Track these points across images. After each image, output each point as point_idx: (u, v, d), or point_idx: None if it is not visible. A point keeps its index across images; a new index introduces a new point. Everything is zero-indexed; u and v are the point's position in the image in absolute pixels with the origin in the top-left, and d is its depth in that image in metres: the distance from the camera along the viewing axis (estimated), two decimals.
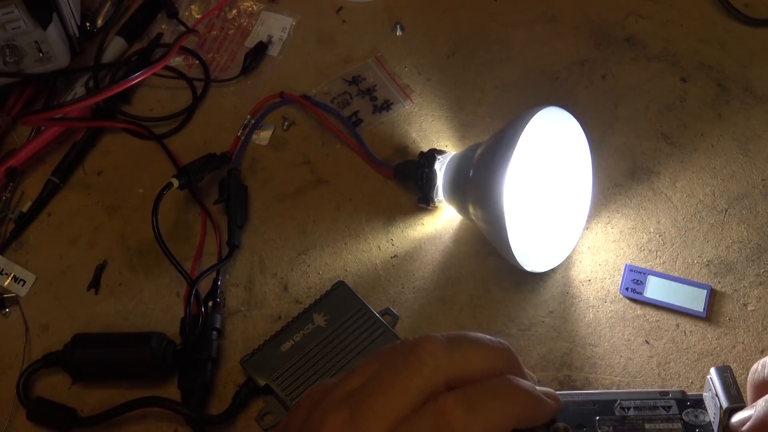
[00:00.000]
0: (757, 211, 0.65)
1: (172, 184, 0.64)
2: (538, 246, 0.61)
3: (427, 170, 0.63)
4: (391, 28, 0.77)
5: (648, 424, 0.36)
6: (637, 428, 0.36)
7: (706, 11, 0.77)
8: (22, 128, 0.72)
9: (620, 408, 0.37)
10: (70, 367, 0.59)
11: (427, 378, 0.35)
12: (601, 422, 0.37)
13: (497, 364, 0.37)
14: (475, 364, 0.36)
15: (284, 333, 0.59)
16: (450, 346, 0.36)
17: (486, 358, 0.37)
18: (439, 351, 0.35)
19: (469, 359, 0.36)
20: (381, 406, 0.34)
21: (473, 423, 0.34)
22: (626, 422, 0.37)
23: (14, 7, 0.65)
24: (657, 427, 0.36)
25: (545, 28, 0.77)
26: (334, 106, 0.72)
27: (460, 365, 0.36)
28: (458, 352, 0.36)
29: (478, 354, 0.37)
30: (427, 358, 0.35)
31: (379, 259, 0.65)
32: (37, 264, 0.66)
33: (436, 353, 0.35)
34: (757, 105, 0.71)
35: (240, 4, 0.80)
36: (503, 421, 0.35)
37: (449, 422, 0.33)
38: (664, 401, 0.37)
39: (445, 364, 0.35)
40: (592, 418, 0.37)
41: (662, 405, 0.37)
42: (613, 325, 0.61)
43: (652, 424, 0.36)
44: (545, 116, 0.56)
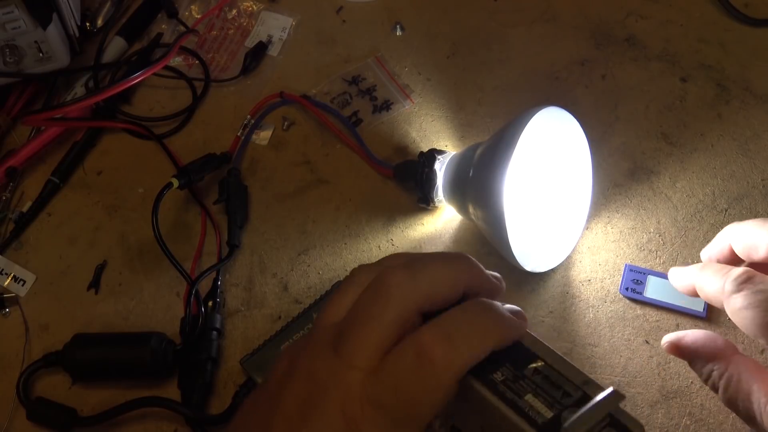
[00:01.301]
0: (757, 211, 0.65)
1: (172, 184, 0.64)
2: (538, 246, 0.61)
3: (427, 170, 0.63)
4: (391, 28, 0.77)
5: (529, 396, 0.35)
6: (517, 392, 0.36)
7: (706, 11, 0.77)
8: (22, 128, 0.72)
9: (534, 369, 0.37)
10: (70, 367, 0.59)
11: (398, 308, 0.37)
12: (504, 368, 0.37)
13: (461, 277, 0.39)
14: (441, 284, 0.38)
15: (284, 333, 0.59)
16: (413, 272, 0.37)
17: (449, 275, 0.38)
18: (403, 281, 0.37)
19: (434, 280, 0.38)
20: (362, 341, 0.36)
21: (454, 354, 0.35)
22: (518, 382, 0.36)
23: (14, 7, 0.65)
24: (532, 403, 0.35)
25: (545, 28, 0.77)
26: (334, 106, 0.72)
27: (426, 288, 0.37)
28: (421, 275, 0.38)
29: (441, 273, 0.38)
30: (393, 290, 0.37)
31: (379, 259, 0.64)
32: (37, 264, 0.66)
33: (401, 283, 0.37)
34: (757, 105, 0.71)
35: (240, 4, 0.80)
36: (482, 348, 0.36)
37: (430, 358, 0.35)
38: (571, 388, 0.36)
39: (412, 291, 0.37)
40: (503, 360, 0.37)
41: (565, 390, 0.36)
42: (613, 325, 0.61)
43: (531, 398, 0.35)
44: (545, 116, 0.56)
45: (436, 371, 0.35)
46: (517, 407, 0.35)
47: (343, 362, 0.36)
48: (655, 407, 0.57)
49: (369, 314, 0.37)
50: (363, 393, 0.36)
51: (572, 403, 0.35)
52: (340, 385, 0.36)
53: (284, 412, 0.37)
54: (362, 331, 0.37)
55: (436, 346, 0.35)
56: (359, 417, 0.35)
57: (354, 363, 0.36)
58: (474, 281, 0.40)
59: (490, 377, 0.36)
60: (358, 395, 0.36)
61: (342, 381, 0.36)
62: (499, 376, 0.36)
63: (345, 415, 0.35)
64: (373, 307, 0.37)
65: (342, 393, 0.36)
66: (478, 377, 0.36)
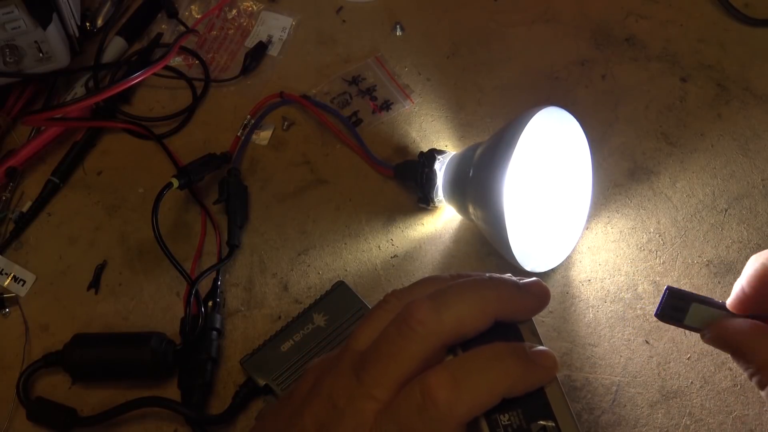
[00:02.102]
0: (757, 211, 0.65)
1: (172, 184, 0.64)
2: (538, 246, 0.61)
3: (427, 170, 0.63)
4: (391, 28, 0.77)
5: None
6: None
7: (706, 11, 0.77)
8: (22, 128, 0.72)
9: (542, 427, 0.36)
10: (70, 367, 0.59)
11: (421, 344, 0.37)
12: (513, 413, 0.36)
13: (489, 307, 0.38)
14: (468, 319, 0.38)
15: (284, 333, 0.59)
16: (439, 308, 0.37)
17: (476, 307, 0.38)
18: (428, 316, 0.37)
19: (460, 315, 0.37)
20: (382, 374, 0.36)
21: (458, 401, 0.35)
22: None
23: (14, 7, 0.65)
24: None
25: (545, 28, 0.77)
26: (334, 106, 0.72)
27: (451, 324, 0.37)
28: (447, 311, 0.37)
29: (467, 306, 0.38)
30: (417, 326, 0.37)
31: (379, 259, 0.65)
32: (37, 264, 0.66)
33: (426, 320, 0.37)
34: (757, 105, 0.71)
35: (240, 4, 0.80)
36: (489, 397, 0.36)
37: (434, 401, 0.35)
38: None
39: (437, 328, 0.37)
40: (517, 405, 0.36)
41: None
42: (613, 325, 0.61)
43: None
44: (545, 116, 0.56)
45: (439, 416, 0.35)
46: None
47: (363, 391, 0.37)
48: (655, 407, 0.57)
49: (392, 348, 0.37)
50: (374, 425, 0.36)
51: None
52: (356, 413, 0.36)
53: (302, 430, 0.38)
54: (383, 362, 0.37)
55: (441, 390, 0.35)
56: None
57: (372, 393, 0.36)
58: (506, 307, 0.39)
59: (495, 417, 0.36)
60: (370, 426, 0.36)
61: (358, 409, 0.36)
62: (504, 419, 0.36)
63: None
64: (396, 341, 0.37)
65: (356, 421, 0.36)
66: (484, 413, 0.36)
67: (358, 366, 0.38)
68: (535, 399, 0.36)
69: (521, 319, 0.39)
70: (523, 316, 0.39)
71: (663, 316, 0.48)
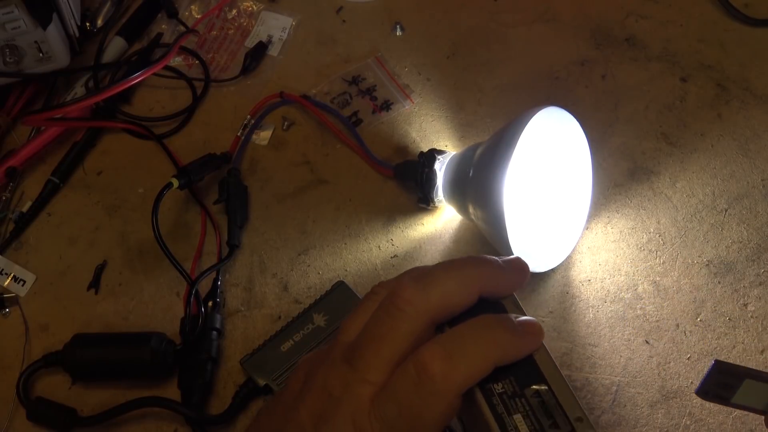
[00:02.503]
0: (757, 211, 0.65)
1: (172, 184, 0.64)
2: (538, 246, 0.61)
3: (427, 170, 0.63)
4: (391, 28, 0.77)
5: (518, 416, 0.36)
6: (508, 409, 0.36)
7: (706, 11, 0.77)
8: (22, 128, 0.72)
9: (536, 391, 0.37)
10: (70, 367, 0.59)
11: (410, 323, 0.37)
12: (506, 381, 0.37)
13: (472, 284, 0.39)
14: (452, 295, 0.38)
15: (284, 333, 0.59)
16: (424, 286, 0.38)
17: (459, 284, 0.39)
18: (415, 295, 0.38)
19: (445, 292, 0.38)
20: (374, 356, 0.37)
21: (453, 372, 0.36)
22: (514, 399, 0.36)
23: (14, 7, 0.65)
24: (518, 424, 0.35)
25: (545, 28, 0.77)
26: (334, 106, 0.72)
27: (438, 301, 0.38)
28: (432, 288, 0.38)
29: (451, 283, 0.38)
30: (405, 305, 0.37)
31: (379, 259, 0.65)
32: (37, 264, 0.66)
33: (413, 299, 0.37)
34: (757, 105, 0.71)
35: (240, 4, 0.80)
36: (482, 366, 0.36)
37: (430, 375, 0.35)
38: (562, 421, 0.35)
39: (423, 305, 0.38)
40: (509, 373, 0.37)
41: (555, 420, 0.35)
42: (613, 325, 0.61)
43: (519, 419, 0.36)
44: (545, 116, 0.56)
45: (435, 389, 0.35)
46: (502, 423, 0.36)
47: (356, 376, 0.37)
48: (655, 407, 0.57)
49: (381, 330, 0.38)
50: (372, 407, 0.36)
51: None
52: (352, 399, 0.37)
53: (299, 424, 0.38)
54: (374, 346, 0.37)
55: (435, 363, 0.36)
56: (368, 430, 0.36)
57: (366, 377, 0.37)
58: (489, 283, 0.40)
59: (489, 386, 0.37)
60: (368, 409, 0.37)
61: (354, 394, 0.37)
62: (498, 387, 0.37)
63: (355, 428, 0.36)
64: (385, 323, 0.38)
65: (353, 406, 0.37)
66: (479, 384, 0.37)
67: (350, 354, 0.38)
68: (526, 366, 0.37)
69: (504, 294, 0.40)
70: (506, 291, 0.40)
71: (706, 394, 0.42)
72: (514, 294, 0.41)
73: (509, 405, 0.36)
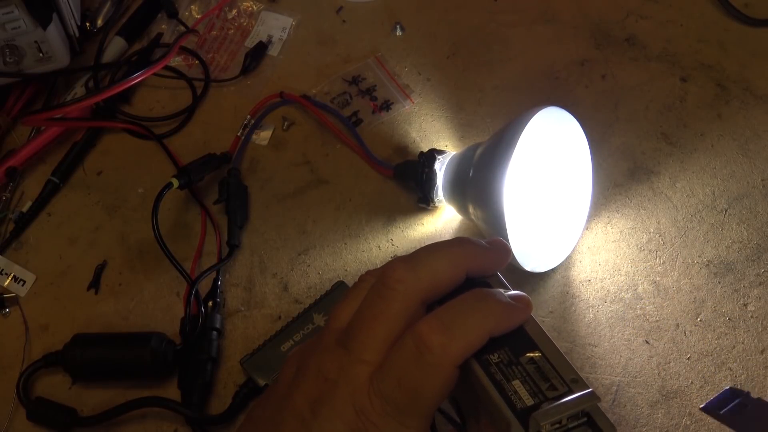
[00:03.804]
0: (757, 211, 0.65)
1: (172, 184, 0.64)
2: (538, 246, 0.61)
3: (427, 170, 0.63)
4: (391, 28, 0.77)
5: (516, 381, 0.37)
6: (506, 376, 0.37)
7: (706, 11, 0.77)
8: (22, 128, 0.72)
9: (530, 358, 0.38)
10: (70, 367, 0.59)
11: (402, 302, 0.38)
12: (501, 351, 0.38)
13: (460, 262, 0.40)
14: (441, 273, 0.39)
15: (284, 333, 0.59)
16: (413, 266, 0.39)
17: (448, 263, 0.40)
18: (405, 275, 0.38)
19: (434, 270, 0.39)
20: (368, 336, 0.38)
21: (451, 343, 0.36)
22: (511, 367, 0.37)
23: (14, 7, 0.65)
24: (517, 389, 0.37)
25: (545, 28, 0.77)
26: (334, 106, 0.72)
27: (428, 280, 0.39)
28: (421, 268, 0.39)
29: (440, 262, 0.39)
30: (396, 285, 0.38)
31: (379, 259, 0.65)
32: (37, 264, 0.66)
33: (403, 278, 0.38)
34: (757, 105, 0.71)
35: (240, 4, 0.80)
36: (478, 336, 0.37)
37: (429, 347, 0.36)
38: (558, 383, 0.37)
39: (415, 284, 0.38)
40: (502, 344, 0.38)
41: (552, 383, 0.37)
42: (613, 325, 0.61)
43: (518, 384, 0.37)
44: (545, 116, 0.56)
45: (434, 360, 0.36)
46: (502, 389, 0.37)
47: (352, 357, 0.38)
48: (655, 407, 0.57)
49: (374, 311, 0.38)
50: (371, 386, 0.37)
51: (554, 397, 0.36)
52: (350, 380, 0.37)
53: (294, 410, 0.38)
54: (369, 326, 0.38)
55: (433, 335, 0.36)
56: (369, 409, 0.37)
57: (362, 357, 0.37)
58: (474, 261, 0.41)
59: (485, 357, 0.38)
60: (366, 388, 0.37)
61: (351, 375, 0.37)
62: (494, 357, 0.38)
63: (355, 408, 0.37)
64: (378, 303, 0.38)
65: (351, 387, 0.37)
66: (475, 356, 0.38)
67: (344, 337, 0.39)
68: (519, 336, 0.39)
69: (489, 272, 0.42)
70: (491, 270, 0.42)
71: None
72: (498, 273, 0.42)
73: (506, 372, 0.37)
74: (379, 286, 0.39)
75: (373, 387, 0.37)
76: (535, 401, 0.36)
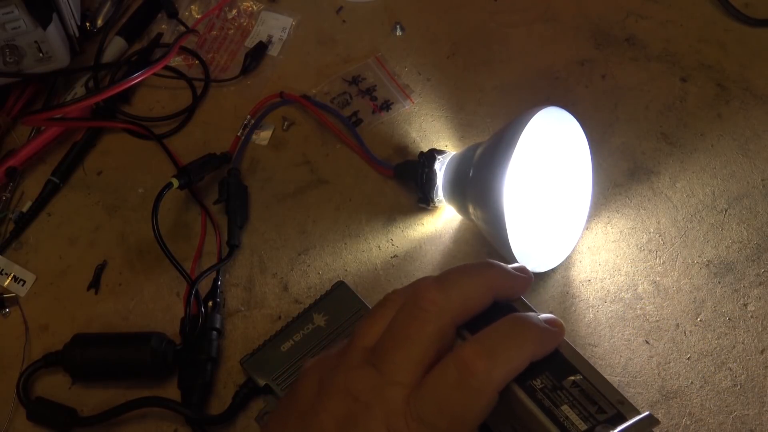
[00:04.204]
0: (757, 211, 0.65)
1: (172, 184, 0.64)
2: (538, 246, 0.61)
3: (427, 170, 0.63)
4: (391, 28, 0.77)
5: (565, 406, 0.37)
6: (554, 402, 0.37)
7: (706, 11, 0.77)
8: (22, 128, 0.72)
9: (573, 381, 0.38)
10: (70, 367, 0.59)
11: (435, 324, 0.38)
12: (543, 376, 0.38)
13: (490, 285, 0.40)
14: (473, 296, 0.39)
15: (284, 333, 0.59)
16: (446, 288, 0.39)
17: (479, 286, 0.40)
18: (438, 297, 0.38)
19: (466, 294, 0.39)
20: (403, 358, 0.37)
21: (495, 368, 0.36)
22: (556, 392, 0.37)
23: (14, 7, 0.65)
24: (568, 414, 0.37)
25: (545, 28, 0.77)
26: (334, 106, 0.72)
27: (460, 302, 0.39)
28: (454, 290, 0.39)
29: (471, 285, 0.40)
30: (429, 306, 0.38)
31: (379, 259, 0.65)
32: (37, 264, 0.66)
33: (436, 299, 0.38)
34: (757, 105, 0.71)
35: (240, 4, 0.80)
36: (520, 361, 0.37)
37: (473, 372, 0.36)
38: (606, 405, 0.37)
39: (447, 306, 0.38)
40: (542, 368, 0.38)
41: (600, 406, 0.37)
42: (613, 325, 0.61)
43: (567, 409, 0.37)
44: (545, 116, 0.56)
45: (478, 385, 0.36)
46: (553, 416, 0.37)
47: (385, 379, 0.37)
48: (655, 407, 0.57)
49: (407, 331, 0.38)
50: (407, 409, 0.37)
51: (606, 420, 0.36)
52: (384, 402, 0.37)
53: (322, 430, 0.38)
54: (402, 347, 0.38)
55: (477, 361, 0.36)
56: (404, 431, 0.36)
57: (396, 379, 0.37)
58: (503, 285, 0.41)
59: (530, 384, 0.38)
60: (402, 411, 0.37)
61: (385, 397, 0.37)
62: (538, 383, 0.38)
63: (389, 430, 0.37)
64: (411, 324, 0.38)
65: (386, 409, 0.37)
66: (518, 382, 0.37)
67: (373, 357, 0.38)
68: (556, 360, 0.39)
69: (515, 296, 0.42)
70: (516, 294, 0.42)
71: None
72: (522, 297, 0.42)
73: (553, 398, 0.37)
74: (411, 306, 0.39)
75: (410, 410, 0.36)
76: (588, 425, 0.36)
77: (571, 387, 0.37)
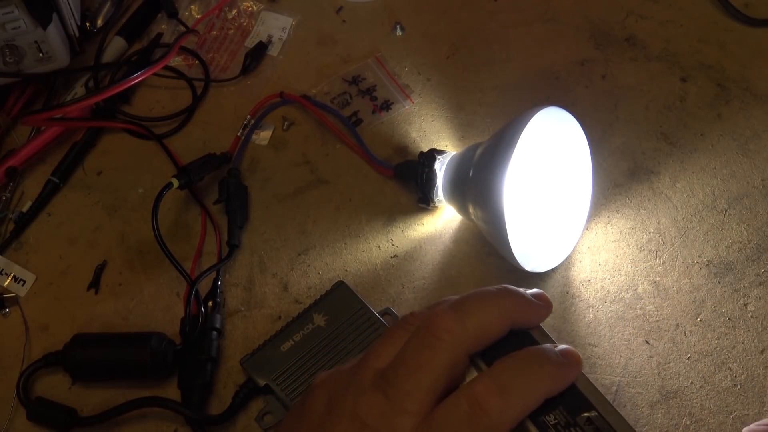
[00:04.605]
0: (757, 211, 0.65)
1: (172, 184, 0.64)
2: (538, 246, 0.61)
3: (427, 170, 0.63)
4: (391, 28, 0.77)
5: None
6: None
7: (706, 11, 0.77)
8: (22, 128, 0.72)
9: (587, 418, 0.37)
10: (70, 367, 0.59)
11: (448, 353, 0.37)
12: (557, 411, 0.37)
13: (506, 314, 0.39)
14: (489, 325, 0.38)
15: (284, 333, 0.59)
16: (462, 316, 0.38)
17: (495, 315, 0.39)
18: (453, 325, 0.37)
19: (482, 323, 0.38)
20: (413, 386, 0.36)
21: (508, 407, 0.35)
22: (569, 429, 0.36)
23: (14, 7, 0.65)
24: None
25: (545, 28, 0.77)
26: (334, 106, 0.72)
27: (475, 331, 0.38)
28: (470, 319, 0.38)
29: (488, 314, 0.38)
30: (443, 335, 0.37)
31: (379, 259, 0.65)
32: (37, 264, 0.66)
33: (451, 328, 0.37)
34: (757, 105, 0.71)
35: (240, 4, 0.80)
36: (535, 399, 0.36)
37: (485, 410, 0.35)
38: None
39: (462, 335, 0.37)
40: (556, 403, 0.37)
41: None
42: (613, 325, 0.61)
43: None
44: (545, 116, 0.56)
45: (490, 423, 0.35)
46: None
47: (394, 406, 0.36)
48: (655, 407, 0.57)
49: (419, 359, 0.37)
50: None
51: None
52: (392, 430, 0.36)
53: None
54: (414, 375, 0.37)
55: (490, 398, 0.35)
56: None
57: (406, 408, 0.36)
58: (521, 314, 0.40)
59: (543, 419, 0.37)
60: None
61: (394, 426, 0.36)
62: (551, 419, 0.37)
63: None
64: (424, 351, 0.37)
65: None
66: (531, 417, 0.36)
67: (384, 382, 0.37)
68: (571, 394, 0.37)
69: (532, 324, 0.40)
70: (534, 322, 0.40)
71: None
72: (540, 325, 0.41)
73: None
74: (424, 333, 0.38)
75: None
76: None
77: (585, 424, 0.36)
